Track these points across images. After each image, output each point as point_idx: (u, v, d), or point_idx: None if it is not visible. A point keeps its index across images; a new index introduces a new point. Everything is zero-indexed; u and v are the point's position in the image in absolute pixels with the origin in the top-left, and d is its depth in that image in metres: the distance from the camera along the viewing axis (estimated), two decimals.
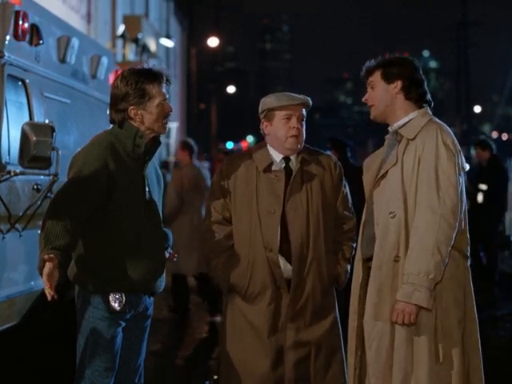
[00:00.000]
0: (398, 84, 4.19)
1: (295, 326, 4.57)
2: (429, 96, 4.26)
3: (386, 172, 4.15)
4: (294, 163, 4.64)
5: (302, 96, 4.66)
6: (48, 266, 3.76)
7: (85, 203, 3.98)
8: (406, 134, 4.13)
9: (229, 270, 4.62)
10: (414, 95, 4.20)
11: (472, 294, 4.14)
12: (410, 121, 4.16)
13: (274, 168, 4.63)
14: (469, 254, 4.14)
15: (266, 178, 4.61)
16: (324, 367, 4.61)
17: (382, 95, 4.22)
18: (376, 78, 4.24)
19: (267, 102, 4.64)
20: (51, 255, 3.77)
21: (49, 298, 3.75)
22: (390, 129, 4.26)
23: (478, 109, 70.85)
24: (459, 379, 4.02)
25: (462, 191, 4.06)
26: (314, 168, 4.65)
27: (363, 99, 4.32)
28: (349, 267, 4.66)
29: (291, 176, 4.60)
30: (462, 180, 4.09)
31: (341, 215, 4.72)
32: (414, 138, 4.09)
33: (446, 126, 4.15)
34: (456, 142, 4.09)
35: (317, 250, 4.59)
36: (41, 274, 3.78)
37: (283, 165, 4.64)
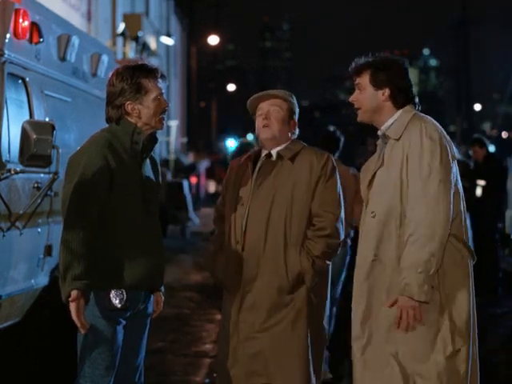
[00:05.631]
0: (386, 91, 4.16)
1: (250, 320, 4.58)
2: (416, 99, 4.24)
3: (375, 174, 4.15)
4: (273, 157, 4.71)
5: (262, 92, 4.80)
6: (74, 306, 3.87)
7: (96, 204, 3.98)
8: (392, 134, 4.12)
9: (214, 265, 4.76)
10: (401, 102, 4.18)
11: (472, 288, 4.11)
12: (395, 121, 4.15)
13: (259, 164, 4.73)
14: (473, 251, 4.11)
15: (246, 173, 4.73)
16: (280, 366, 4.55)
17: (369, 100, 4.19)
18: (364, 80, 4.20)
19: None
20: (74, 291, 3.86)
21: (82, 332, 3.95)
22: (379, 132, 4.26)
23: (478, 107, 70.71)
24: (466, 370, 3.98)
25: (456, 179, 4.06)
26: (289, 163, 4.66)
27: (350, 99, 4.28)
28: (315, 265, 4.54)
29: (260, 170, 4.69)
30: (456, 168, 4.09)
31: (315, 212, 4.62)
32: (399, 138, 4.08)
33: (430, 118, 4.15)
34: (443, 132, 4.08)
35: (275, 244, 4.56)
36: (67, 303, 3.90)
37: (264, 160, 4.73)
